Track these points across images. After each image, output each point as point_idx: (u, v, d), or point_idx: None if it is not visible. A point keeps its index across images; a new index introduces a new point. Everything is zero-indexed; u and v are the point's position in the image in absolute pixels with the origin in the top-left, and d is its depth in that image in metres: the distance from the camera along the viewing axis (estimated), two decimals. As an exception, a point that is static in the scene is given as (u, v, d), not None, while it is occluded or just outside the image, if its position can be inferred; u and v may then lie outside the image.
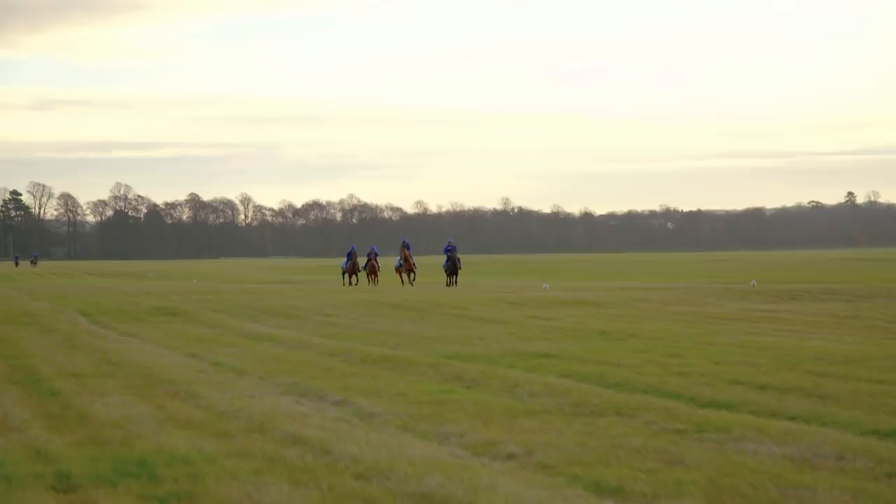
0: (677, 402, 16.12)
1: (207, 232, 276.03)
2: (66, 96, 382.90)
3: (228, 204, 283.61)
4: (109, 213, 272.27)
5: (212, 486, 10.83)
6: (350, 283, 67.78)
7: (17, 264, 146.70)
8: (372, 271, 67.23)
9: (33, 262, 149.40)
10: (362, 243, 75.12)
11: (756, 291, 49.62)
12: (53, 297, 48.63)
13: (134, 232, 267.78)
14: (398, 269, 65.56)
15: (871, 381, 17.94)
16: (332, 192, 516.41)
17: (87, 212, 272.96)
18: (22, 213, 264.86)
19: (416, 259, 70.06)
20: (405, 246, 65.71)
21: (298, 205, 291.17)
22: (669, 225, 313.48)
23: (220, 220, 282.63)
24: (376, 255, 67.87)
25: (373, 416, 15.19)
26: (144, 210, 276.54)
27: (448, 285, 61.62)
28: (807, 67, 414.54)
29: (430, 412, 15.36)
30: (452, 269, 62.80)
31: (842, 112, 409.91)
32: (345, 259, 70.12)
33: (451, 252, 63.17)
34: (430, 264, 76.65)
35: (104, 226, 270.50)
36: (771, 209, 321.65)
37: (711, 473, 11.25)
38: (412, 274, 64.59)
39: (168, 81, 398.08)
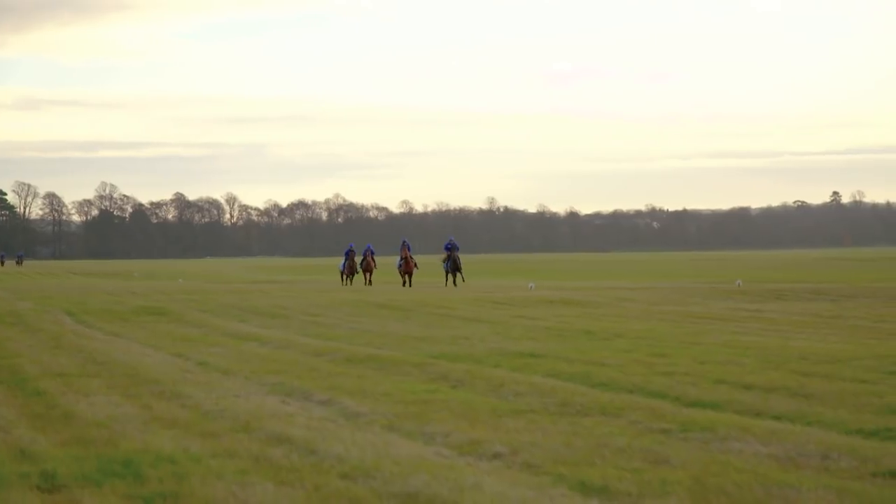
0: (662, 401, 16.15)
1: (193, 231, 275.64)
2: (53, 96, 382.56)
3: (214, 203, 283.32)
4: (95, 212, 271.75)
5: (197, 486, 10.82)
6: (349, 282, 67.12)
7: (2, 264, 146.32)
8: (368, 269, 66.56)
9: (19, 262, 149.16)
10: (348, 243, 74.59)
11: (741, 291, 49.70)
12: (39, 296, 48.54)
13: (119, 231, 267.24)
14: (400, 270, 64.11)
15: (856, 381, 17.97)
16: (317, 191, 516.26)
17: (73, 211, 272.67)
18: (7, 212, 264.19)
19: (392, 260, 69.68)
20: (405, 246, 64.34)
21: (284, 204, 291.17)
22: (655, 224, 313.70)
23: (206, 220, 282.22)
24: (373, 253, 67.19)
25: (358, 416, 15.19)
26: (130, 210, 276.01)
27: (447, 285, 60.88)
28: (793, 68, 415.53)
29: (415, 412, 15.37)
30: (454, 267, 61.90)
31: (827, 112, 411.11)
32: (343, 259, 69.60)
33: (450, 250, 62.24)
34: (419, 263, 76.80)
35: (89, 225, 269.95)
36: (756, 209, 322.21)
37: (696, 473, 11.27)
38: (409, 276, 63.06)
39: (155, 81, 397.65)
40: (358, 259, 68.34)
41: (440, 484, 10.75)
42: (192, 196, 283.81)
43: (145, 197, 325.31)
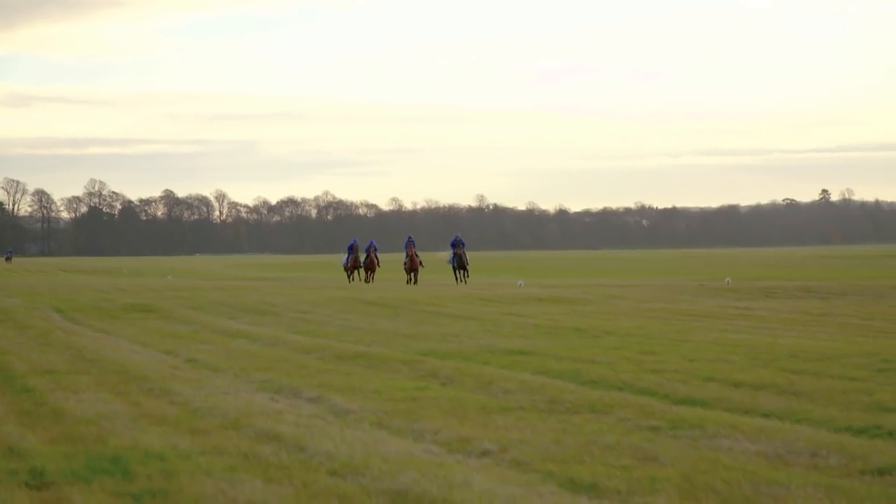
0: (652, 399, 16.15)
1: (182, 229, 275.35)
2: (42, 93, 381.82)
3: (203, 201, 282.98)
4: (84, 209, 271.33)
5: (186, 483, 10.81)
6: (353, 278, 66.24)
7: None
8: (370, 266, 65.42)
9: (8, 259, 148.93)
10: (339, 240, 74.05)
11: (730, 289, 49.74)
12: (27, 293, 48.46)
13: (108, 228, 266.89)
14: (405, 268, 62.67)
15: (845, 379, 18.00)
16: (307, 188, 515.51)
17: (62, 208, 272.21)
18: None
19: (384, 256, 69.22)
20: (411, 243, 62.81)
21: (273, 201, 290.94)
22: (644, 222, 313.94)
23: (195, 217, 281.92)
24: (375, 249, 65.79)
25: (347, 413, 15.19)
26: (119, 207, 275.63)
27: (457, 282, 60.35)
28: (783, 66, 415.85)
29: (404, 409, 15.36)
30: (459, 264, 61.16)
31: (817, 110, 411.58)
32: (346, 254, 68.46)
33: (455, 247, 61.30)
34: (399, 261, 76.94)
35: (78, 222, 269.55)
36: (745, 206, 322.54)
37: (685, 470, 11.27)
38: (414, 273, 61.81)
39: (144, 78, 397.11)
40: (362, 256, 67.02)
41: (429, 481, 10.74)
42: (181, 193, 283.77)
43: (134, 194, 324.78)
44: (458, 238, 62.51)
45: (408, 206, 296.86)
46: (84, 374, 19.71)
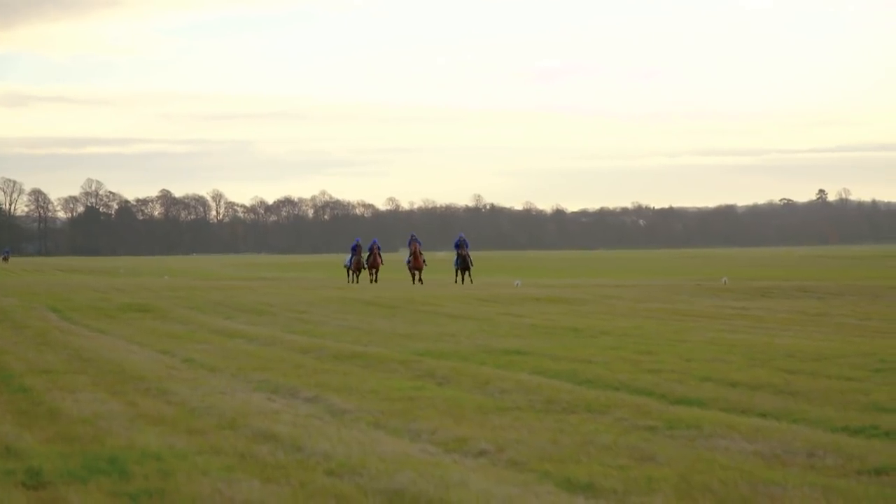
0: (648, 398, 16.16)
1: (179, 228, 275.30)
2: (40, 92, 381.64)
3: (200, 200, 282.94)
4: (80, 209, 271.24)
5: (183, 483, 10.80)
6: (356, 280, 65.38)
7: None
8: (374, 264, 64.81)
9: (5, 259, 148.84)
10: (336, 240, 73.65)
11: (727, 288, 49.75)
12: (24, 293, 48.43)
13: (105, 228, 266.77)
14: (409, 267, 61.97)
15: (842, 379, 18.01)
16: (304, 188, 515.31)
17: (58, 208, 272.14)
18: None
19: (387, 256, 68.89)
20: (415, 241, 62.17)
21: (270, 201, 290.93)
22: (641, 222, 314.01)
23: (192, 217, 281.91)
24: (379, 248, 65.24)
25: (344, 413, 15.19)
26: (116, 206, 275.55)
27: (456, 282, 59.99)
28: (780, 66, 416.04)
29: (401, 409, 15.36)
30: (463, 265, 60.71)
31: (814, 110, 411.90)
32: (349, 255, 67.63)
33: (459, 247, 60.81)
34: (399, 260, 76.80)
35: (75, 222, 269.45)
36: (742, 206, 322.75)
37: (682, 470, 11.28)
38: (418, 272, 61.17)
39: (142, 78, 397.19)
40: (364, 255, 66.28)
41: (426, 481, 10.74)
42: (178, 193, 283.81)
43: (131, 194, 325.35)
44: (462, 238, 61.74)
45: (405, 205, 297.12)
46: (81, 373, 19.70)
